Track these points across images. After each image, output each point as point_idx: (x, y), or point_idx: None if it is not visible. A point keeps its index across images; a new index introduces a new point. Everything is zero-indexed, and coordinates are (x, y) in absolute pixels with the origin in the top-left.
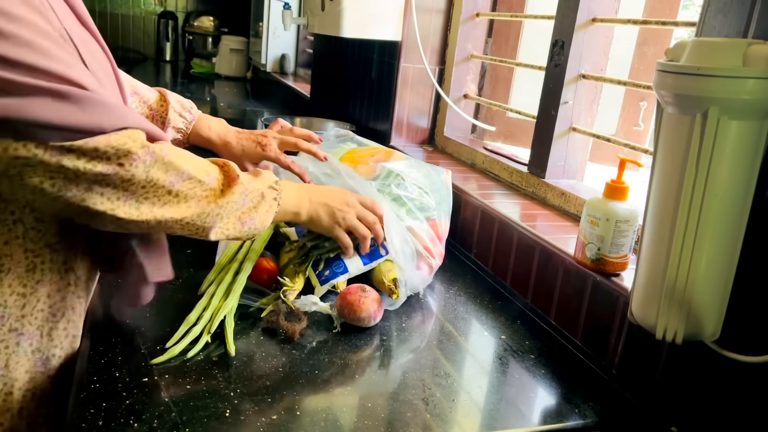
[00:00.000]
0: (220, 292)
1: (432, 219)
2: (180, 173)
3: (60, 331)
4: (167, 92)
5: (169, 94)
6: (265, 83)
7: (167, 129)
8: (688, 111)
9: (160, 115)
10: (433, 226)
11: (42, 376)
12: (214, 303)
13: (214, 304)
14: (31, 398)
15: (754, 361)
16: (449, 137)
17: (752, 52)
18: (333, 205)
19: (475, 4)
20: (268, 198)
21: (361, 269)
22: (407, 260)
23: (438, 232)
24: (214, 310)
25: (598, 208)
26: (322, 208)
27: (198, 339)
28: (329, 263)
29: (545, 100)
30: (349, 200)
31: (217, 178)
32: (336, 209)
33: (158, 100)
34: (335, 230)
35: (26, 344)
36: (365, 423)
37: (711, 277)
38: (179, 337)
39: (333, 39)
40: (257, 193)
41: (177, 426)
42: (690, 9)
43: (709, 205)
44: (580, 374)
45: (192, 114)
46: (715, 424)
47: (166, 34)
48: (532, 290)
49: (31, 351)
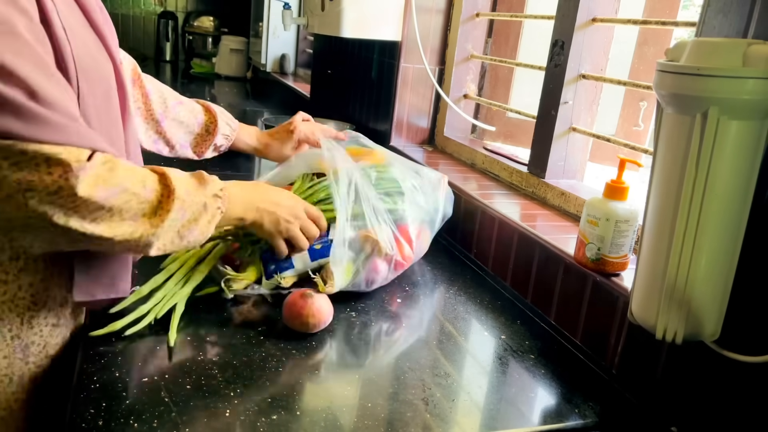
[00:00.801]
0: (179, 276)
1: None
2: (115, 186)
3: (41, 319)
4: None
5: (211, 105)
6: (265, 83)
7: (217, 135)
8: (688, 111)
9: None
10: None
11: (20, 362)
12: (169, 286)
13: (168, 287)
14: (8, 383)
15: (754, 361)
16: (449, 137)
17: (752, 52)
18: (280, 214)
19: (475, 4)
20: (210, 208)
21: (308, 265)
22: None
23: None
24: (167, 294)
25: (598, 208)
26: (268, 216)
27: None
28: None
29: (545, 100)
30: (297, 212)
31: (155, 189)
32: (282, 219)
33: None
34: (275, 239)
35: (5, 330)
36: (365, 423)
37: (711, 277)
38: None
39: (333, 39)
40: (199, 205)
41: (177, 426)
42: (690, 9)
43: (709, 205)
44: (580, 374)
45: (235, 123)
46: (715, 424)
47: (166, 34)
48: (532, 290)
49: (10, 337)
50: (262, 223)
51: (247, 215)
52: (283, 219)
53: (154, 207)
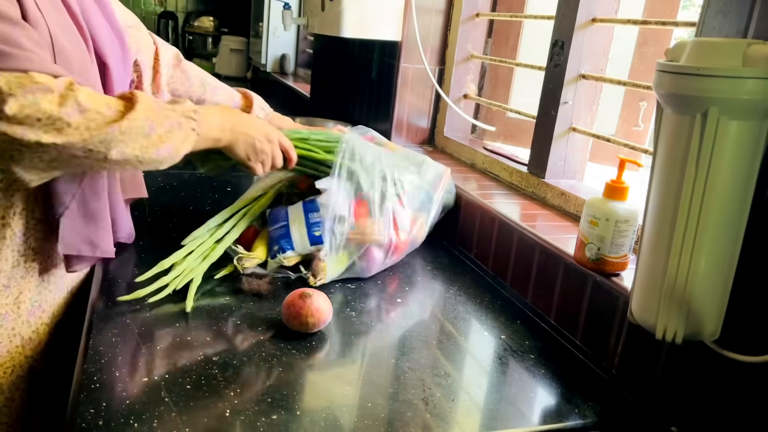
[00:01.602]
0: (198, 253)
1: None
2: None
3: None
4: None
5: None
6: (265, 83)
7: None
8: (688, 111)
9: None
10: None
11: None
12: (188, 261)
13: (188, 262)
14: None
15: (754, 361)
16: (449, 137)
17: (752, 53)
18: (255, 136)
19: (475, 4)
20: (184, 127)
21: (306, 249)
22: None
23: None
24: (186, 269)
25: (597, 208)
26: (243, 137)
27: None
28: (278, 239)
29: (545, 100)
30: (271, 136)
31: (119, 109)
32: (257, 141)
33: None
34: (248, 161)
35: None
36: (365, 423)
37: (711, 277)
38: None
39: (333, 39)
40: (171, 121)
41: (177, 426)
42: (690, 9)
43: (709, 205)
44: (580, 374)
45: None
46: (715, 424)
47: (166, 34)
48: (532, 290)
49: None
50: (236, 144)
51: (222, 137)
52: (257, 140)
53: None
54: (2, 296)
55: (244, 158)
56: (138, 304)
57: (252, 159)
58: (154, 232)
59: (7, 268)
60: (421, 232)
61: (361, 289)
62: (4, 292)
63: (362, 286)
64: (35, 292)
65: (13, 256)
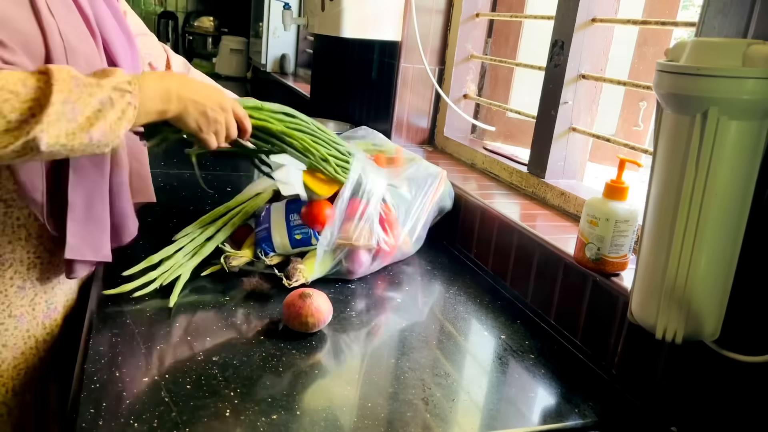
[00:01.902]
0: (187, 249)
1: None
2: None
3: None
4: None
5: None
6: (265, 83)
7: None
8: (688, 111)
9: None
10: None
11: None
12: (177, 257)
13: (177, 258)
14: None
15: (754, 361)
16: (449, 137)
17: (752, 53)
18: (206, 104)
19: (475, 4)
20: (118, 103)
21: (288, 251)
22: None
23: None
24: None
25: (597, 208)
26: (192, 105)
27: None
28: (261, 241)
29: (545, 100)
30: (224, 104)
31: (36, 86)
32: (209, 110)
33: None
34: (201, 133)
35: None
36: (365, 423)
37: (711, 277)
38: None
39: (333, 39)
40: (98, 99)
41: (177, 426)
42: (690, 9)
43: (708, 205)
44: (580, 374)
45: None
46: (715, 424)
47: (166, 34)
48: (532, 290)
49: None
50: (186, 114)
51: (169, 107)
52: (209, 109)
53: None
54: (18, 298)
55: (196, 129)
56: (138, 304)
57: (204, 130)
58: (155, 232)
59: (23, 270)
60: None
61: (361, 289)
62: (20, 294)
63: (362, 286)
64: (50, 294)
65: (29, 258)
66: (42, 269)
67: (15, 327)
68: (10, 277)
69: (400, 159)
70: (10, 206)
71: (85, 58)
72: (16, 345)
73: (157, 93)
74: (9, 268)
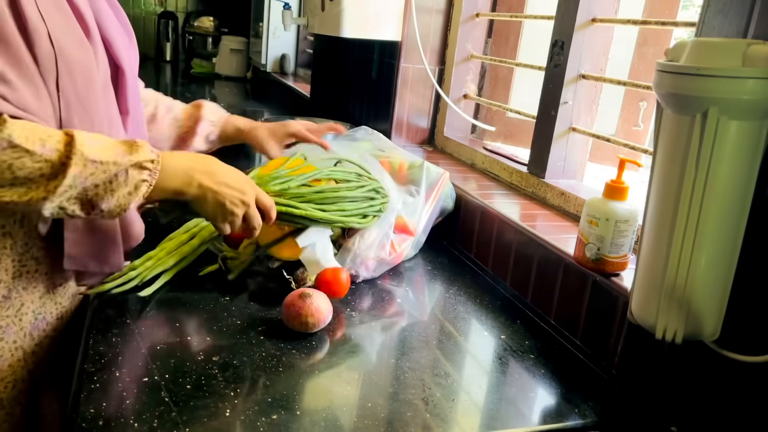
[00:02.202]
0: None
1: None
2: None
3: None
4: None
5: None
6: (265, 83)
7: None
8: (688, 111)
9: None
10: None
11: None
12: (159, 255)
13: (159, 255)
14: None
15: (754, 361)
16: (449, 137)
17: (752, 53)
18: (226, 196)
19: (475, 4)
20: (133, 179)
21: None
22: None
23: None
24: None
25: (597, 208)
26: (212, 195)
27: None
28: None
29: (545, 100)
30: (245, 197)
31: (57, 149)
32: (228, 202)
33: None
34: (216, 222)
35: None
36: (365, 423)
37: (711, 276)
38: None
39: (333, 39)
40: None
41: (177, 426)
42: (690, 9)
43: (708, 205)
44: (580, 374)
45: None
46: (715, 424)
47: (166, 34)
48: (532, 290)
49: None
50: (204, 201)
51: (187, 190)
52: (228, 202)
53: (55, 168)
54: (2, 308)
55: (211, 217)
56: (138, 304)
57: (219, 219)
58: (155, 232)
59: (7, 279)
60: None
61: (361, 289)
62: (5, 304)
63: (362, 286)
64: (39, 304)
65: (14, 266)
66: (29, 278)
67: (0, 338)
68: None
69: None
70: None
71: (79, 67)
72: (2, 357)
73: (178, 174)
74: None
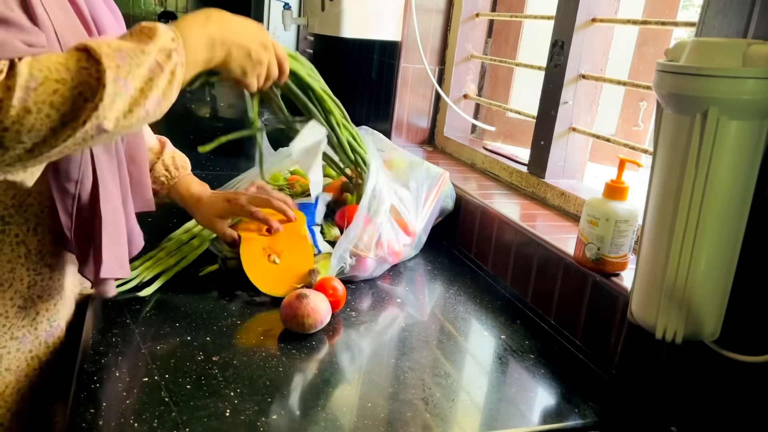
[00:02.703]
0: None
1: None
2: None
3: (6, 300)
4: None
5: (167, 146)
6: None
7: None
8: (688, 111)
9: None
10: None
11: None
12: (159, 255)
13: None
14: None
15: (754, 361)
16: (449, 137)
17: (752, 53)
18: (250, 46)
19: (475, 4)
20: (166, 67)
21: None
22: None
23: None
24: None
25: (597, 208)
26: (237, 49)
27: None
28: None
29: (545, 100)
30: (266, 41)
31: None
32: (252, 51)
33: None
34: (247, 77)
35: None
36: (365, 423)
37: (711, 277)
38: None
39: (333, 39)
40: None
41: (177, 426)
42: (690, 9)
43: (708, 205)
44: (580, 374)
45: (178, 173)
46: (715, 424)
47: None
48: (532, 290)
49: None
50: (231, 60)
51: (214, 54)
52: (254, 51)
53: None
54: (18, 318)
55: (240, 74)
56: (138, 304)
57: (248, 73)
58: (155, 232)
59: (23, 289)
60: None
61: (361, 289)
62: (20, 314)
63: (362, 286)
64: (53, 311)
65: (29, 276)
66: (43, 286)
67: (17, 349)
68: (10, 297)
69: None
70: (7, 223)
71: None
72: (19, 368)
73: (200, 43)
74: (9, 288)
